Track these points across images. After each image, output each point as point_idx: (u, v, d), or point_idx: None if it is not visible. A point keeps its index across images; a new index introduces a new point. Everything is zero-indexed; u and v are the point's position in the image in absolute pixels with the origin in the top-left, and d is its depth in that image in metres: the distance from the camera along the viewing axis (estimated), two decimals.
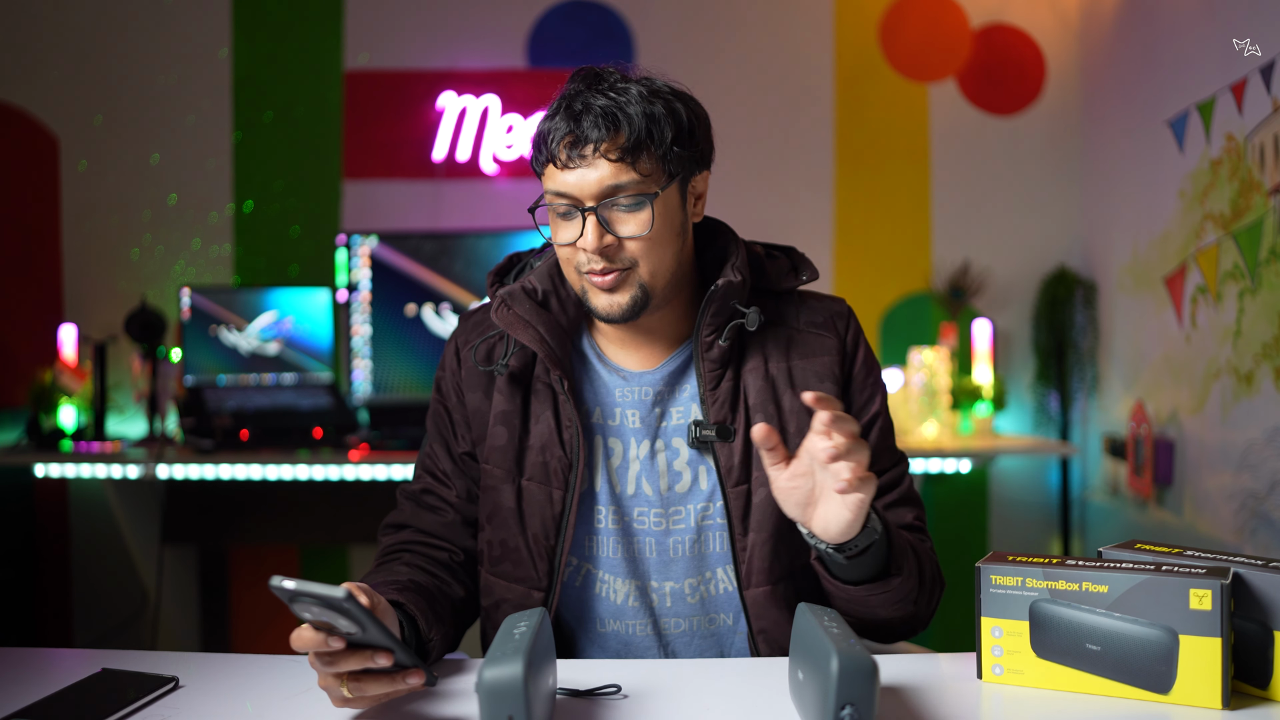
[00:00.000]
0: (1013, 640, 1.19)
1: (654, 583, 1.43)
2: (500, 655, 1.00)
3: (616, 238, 1.32)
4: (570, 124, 1.29)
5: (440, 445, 1.50)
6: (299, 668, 1.27)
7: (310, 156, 3.63)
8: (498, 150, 3.60)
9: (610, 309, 1.36)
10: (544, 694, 1.05)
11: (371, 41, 3.62)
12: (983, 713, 1.15)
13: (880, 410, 1.48)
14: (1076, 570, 1.16)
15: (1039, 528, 3.65)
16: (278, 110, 3.63)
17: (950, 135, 3.64)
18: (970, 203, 3.65)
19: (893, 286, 3.65)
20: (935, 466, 3.21)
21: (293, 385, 3.36)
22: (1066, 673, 1.17)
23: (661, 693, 1.19)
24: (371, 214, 3.60)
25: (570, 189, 1.31)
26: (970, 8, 3.64)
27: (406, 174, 3.62)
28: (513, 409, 1.43)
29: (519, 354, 1.43)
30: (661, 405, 1.44)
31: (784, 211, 3.49)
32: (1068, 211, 3.64)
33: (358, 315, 3.35)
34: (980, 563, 1.21)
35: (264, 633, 3.56)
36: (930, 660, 1.33)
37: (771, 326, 1.45)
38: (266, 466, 2.92)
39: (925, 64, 3.66)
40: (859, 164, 3.64)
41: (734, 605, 1.43)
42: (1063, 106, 3.64)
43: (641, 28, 3.62)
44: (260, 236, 3.63)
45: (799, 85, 3.63)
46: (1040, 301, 3.59)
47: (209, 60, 3.62)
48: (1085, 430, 3.59)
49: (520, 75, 3.63)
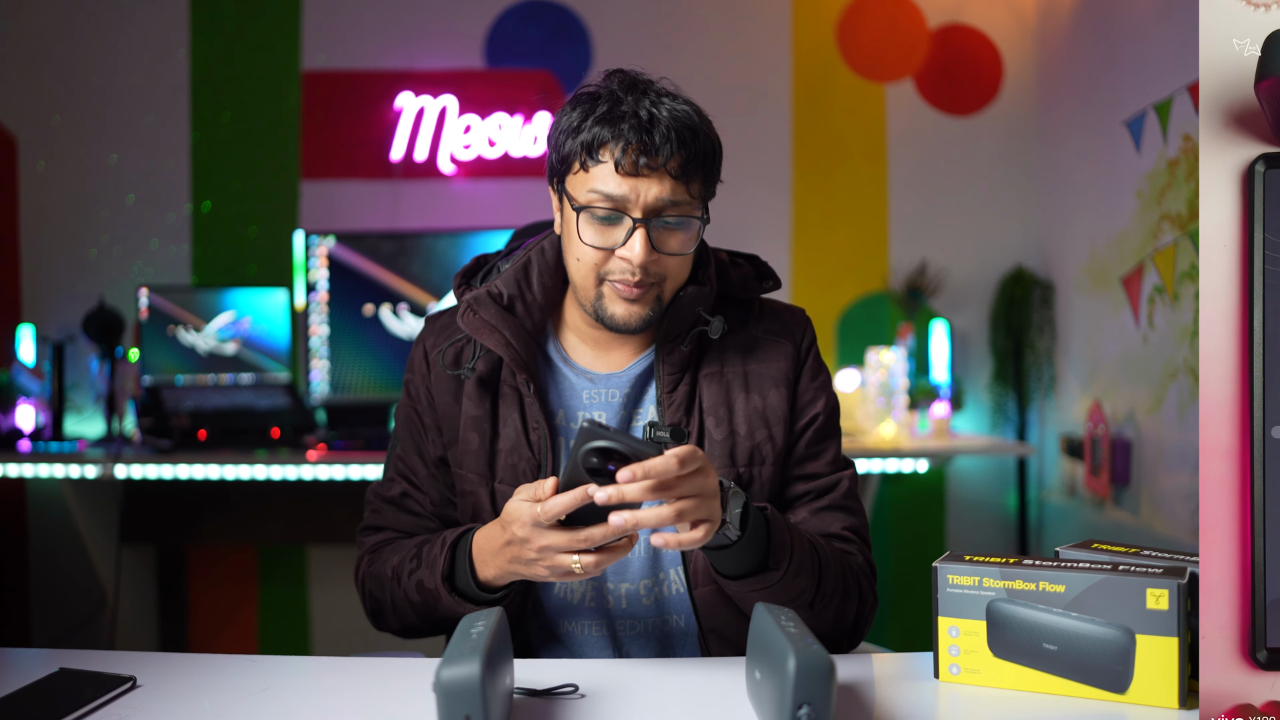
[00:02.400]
0: (970, 640, 1.21)
1: (611, 584, 1.45)
2: (458, 655, 1.01)
3: (659, 254, 1.36)
4: (641, 133, 1.31)
5: (414, 449, 1.52)
6: (256, 667, 1.30)
7: (268, 156, 3.68)
8: (455, 150, 3.64)
9: (629, 319, 1.39)
10: (501, 693, 1.07)
11: (329, 42, 3.66)
12: (940, 712, 1.17)
13: (820, 414, 1.51)
14: (1033, 570, 1.18)
15: (996, 528, 3.70)
16: (236, 110, 3.67)
17: (908, 135, 3.69)
18: (928, 203, 3.69)
19: (850, 287, 3.69)
20: (892, 466, 3.25)
21: (250, 385, 3.41)
22: (1023, 672, 1.19)
23: (619, 692, 1.21)
24: (329, 214, 3.64)
25: (625, 196, 1.33)
26: (927, 8, 3.69)
27: (364, 174, 3.67)
28: (482, 413, 1.46)
29: (486, 358, 1.46)
30: (629, 407, 1.47)
31: (741, 212, 3.52)
32: (1025, 212, 3.69)
33: (315, 315, 3.39)
34: (937, 562, 1.23)
35: (222, 632, 3.61)
36: (887, 660, 1.37)
37: (732, 333, 1.49)
38: (224, 466, 2.96)
39: (882, 64, 3.70)
40: (816, 164, 3.69)
41: (685, 606, 1.45)
42: (1020, 107, 3.69)
43: (599, 28, 3.67)
44: (218, 236, 3.67)
45: (756, 86, 3.68)
46: (998, 302, 3.64)
47: (167, 60, 3.66)
48: (1042, 430, 3.64)
49: (478, 75, 3.67)
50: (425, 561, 1.38)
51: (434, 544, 1.40)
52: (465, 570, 1.34)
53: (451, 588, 1.36)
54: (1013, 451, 3.51)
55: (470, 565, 1.34)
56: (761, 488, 1.45)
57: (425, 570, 1.38)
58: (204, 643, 3.61)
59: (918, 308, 3.63)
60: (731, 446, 1.45)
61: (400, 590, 1.42)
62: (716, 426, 1.45)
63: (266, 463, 2.96)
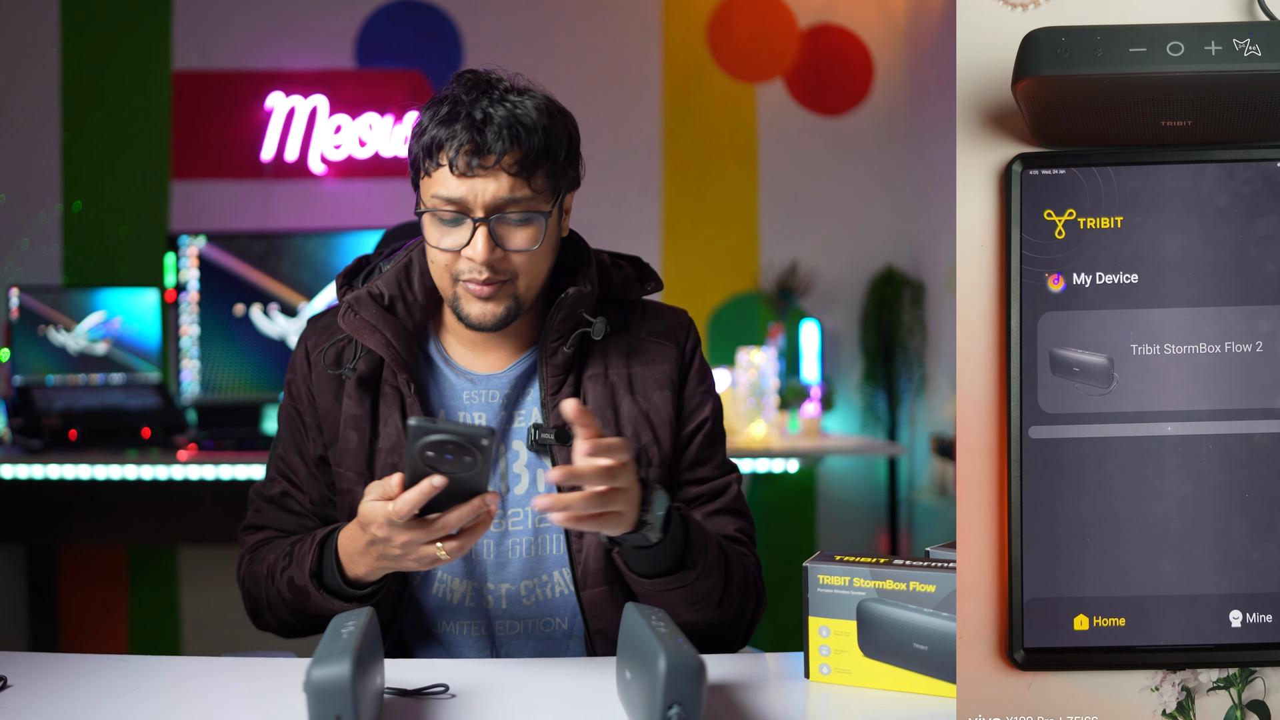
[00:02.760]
0: (840, 640, 1.21)
1: (490, 584, 1.45)
2: (328, 654, 1.00)
3: (504, 250, 1.36)
4: (473, 133, 1.31)
5: (294, 449, 1.52)
6: (128, 667, 1.30)
7: (139, 156, 3.69)
8: (326, 150, 3.66)
9: (484, 318, 1.39)
10: (372, 693, 1.07)
11: (200, 42, 3.68)
12: (810, 712, 1.19)
13: (708, 418, 1.51)
14: (904, 570, 1.18)
15: (867, 527, 3.72)
16: (107, 110, 3.68)
17: (778, 136, 3.70)
18: (798, 203, 3.71)
19: (720, 286, 3.71)
20: (763, 466, 3.27)
21: (121, 385, 3.42)
22: (894, 672, 1.19)
23: (491, 692, 1.21)
24: (200, 214, 3.65)
25: (463, 197, 1.34)
26: (798, 8, 3.70)
27: (235, 174, 3.68)
28: (362, 413, 1.46)
29: (367, 358, 1.46)
30: (509, 409, 1.47)
31: (611, 213, 3.54)
32: (896, 212, 3.70)
33: (186, 315, 3.40)
34: (808, 562, 1.23)
35: (93, 633, 3.62)
36: (758, 660, 1.38)
37: (615, 335, 1.48)
38: (95, 466, 2.97)
39: (753, 64, 3.72)
40: (687, 165, 3.71)
41: (570, 608, 1.46)
42: (890, 107, 3.70)
43: (469, 28, 3.68)
44: (89, 236, 3.68)
45: (627, 86, 3.69)
46: (868, 302, 3.66)
47: (37, 61, 3.66)
48: (913, 430, 3.66)
49: (348, 75, 3.68)
50: (296, 559, 1.39)
51: (305, 541, 1.40)
52: (333, 568, 1.35)
53: (320, 585, 1.37)
54: (883, 451, 3.53)
55: (338, 564, 1.35)
56: None
57: (296, 568, 1.39)
58: (75, 643, 3.62)
59: (788, 308, 3.64)
60: None
61: (274, 588, 1.42)
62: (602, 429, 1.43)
63: (137, 463, 2.97)
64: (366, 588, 1.36)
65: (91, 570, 3.64)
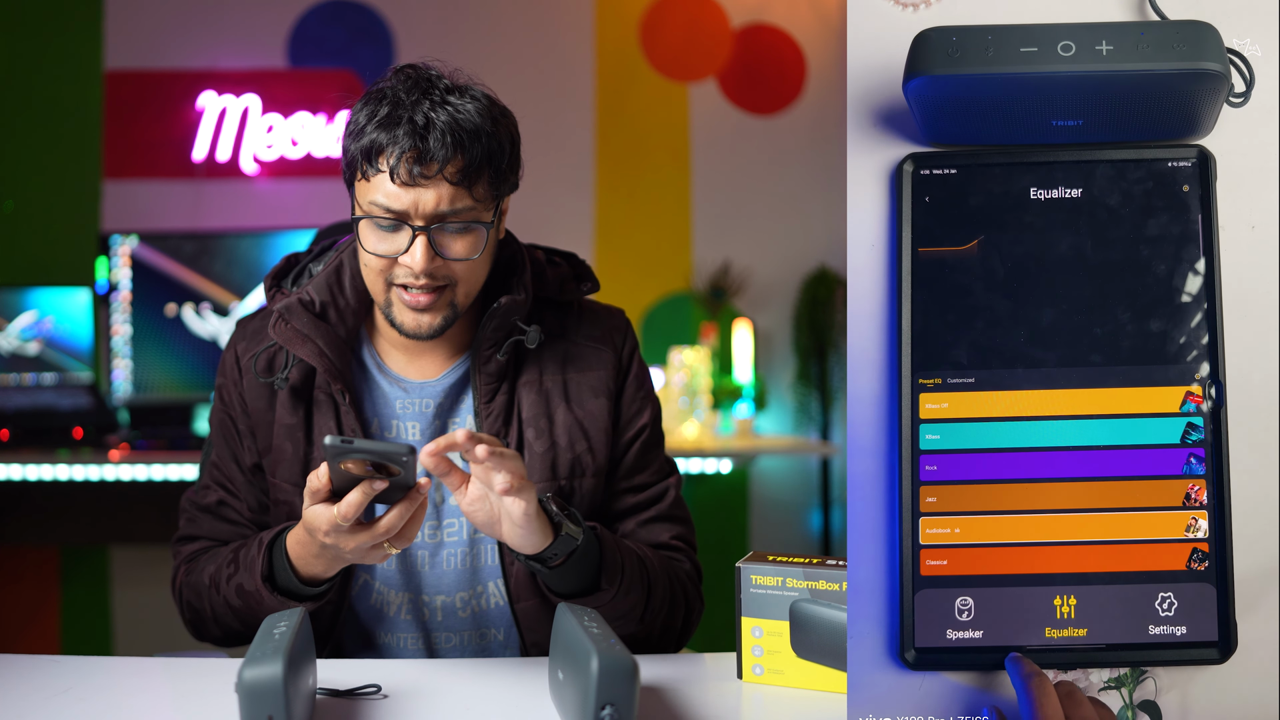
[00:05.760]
0: (773, 640, 1.22)
1: (426, 596, 1.45)
2: (260, 655, 1.01)
3: (443, 259, 1.33)
4: (415, 139, 1.28)
5: (229, 456, 1.50)
6: (59, 668, 1.31)
7: (70, 156, 3.72)
8: (258, 150, 3.69)
9: (419, 327, 1.37)
10: (304, 694, 1.07)
11: (131, 41, 3.70)
12: (743, 713, 1.20)
13: (647, 424, 1.51)
14: (837, 570, 1.19)
15: (800, 528, 3.77)
16: (38, 110, 3.71)
17: (711, 135, 3.75)
18: (731, 203, 3.75)
19: (653, 286, 3.76)
20: (696, 467, 3.31)
21: (52, 385, 3.45)
22: (826, 673, 1.20)
23: (423, 692, 1.22)
24: (132, 214, 3.69)
25: (404, 206, 1.30)
26: (730, 7, 3.74)
27: (167, 174, 3.71)
28: (296, 422, 1.44)
29: (299, 366, 1.43)
30: (443, 418, 1.46)
31: (544, 212, 3.56)
32: (828, 212, 3.75)
33: (118, 315, 3.44)
34: (740, 563, 1.24)
35: (23, 633, 3.66)
36: (691, 660, 1.40)
37: (550, 340, 1.47)
38: (26, 466, 3.00)
39: (686, 64, 3.76)
40: (619, 164, 3.75)
41: (505, 619, 1.46)
42: (823, 106, 3.75)
43: (402, 28, 3.72)
44: (20, 236, 3.71)
45: (560, 86, 3.73)
46: (801, 301, 3.70)
47: None
48: (846, 429, 3.70)
49: (281, 75, 3.72)
50: (243, 565, 1.37)
51: (250, 547, 1.38)
52: (285, 569, 1.33)
53: (273, 587, 1.35)
54: (816, 451, 3.58)
55: (291, 565, 1.33)
56: (582, 499, 1.46)
57: (244, 573, 1.36)
58: (6, 643, 3.64)
59: (721, 307, 3.69)
60: (553, 458, 1.44)
61: (220, 597, 1.40)
62: (537, 438, 1.44)
63: (69, 462, 3.00)
64: (322, 584, 1.35)
65: (22, 570, 3.67)
